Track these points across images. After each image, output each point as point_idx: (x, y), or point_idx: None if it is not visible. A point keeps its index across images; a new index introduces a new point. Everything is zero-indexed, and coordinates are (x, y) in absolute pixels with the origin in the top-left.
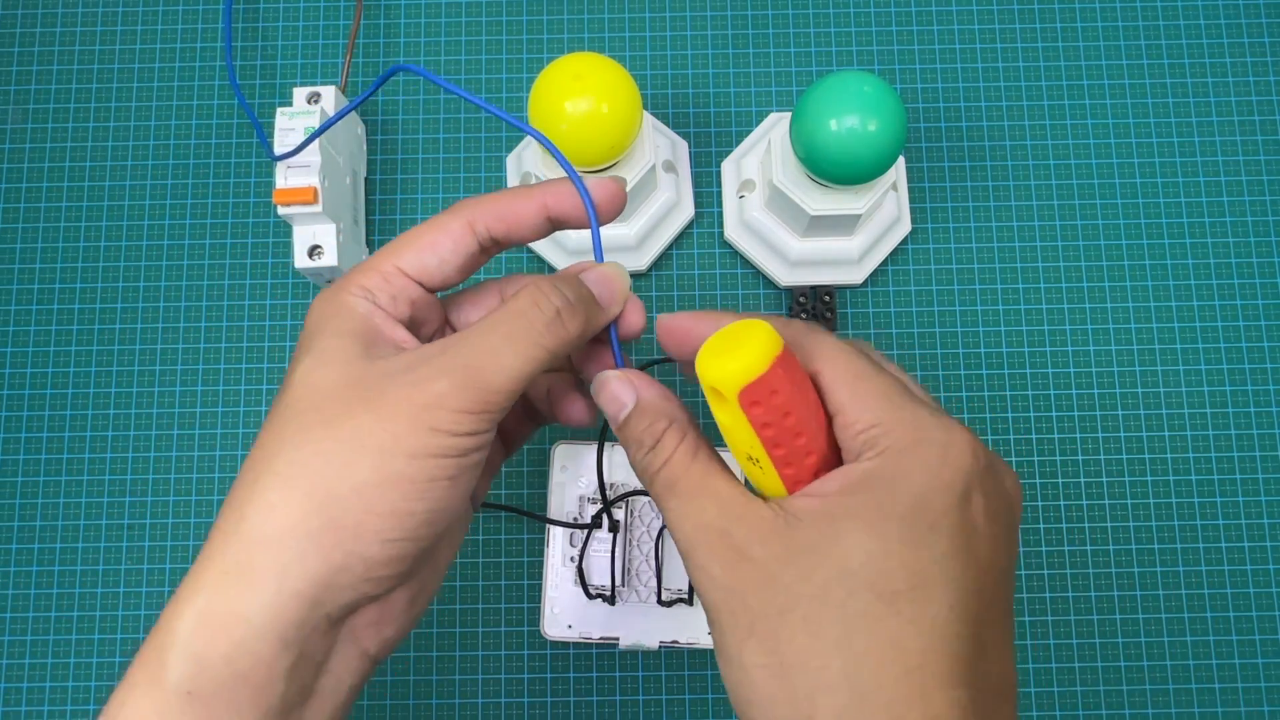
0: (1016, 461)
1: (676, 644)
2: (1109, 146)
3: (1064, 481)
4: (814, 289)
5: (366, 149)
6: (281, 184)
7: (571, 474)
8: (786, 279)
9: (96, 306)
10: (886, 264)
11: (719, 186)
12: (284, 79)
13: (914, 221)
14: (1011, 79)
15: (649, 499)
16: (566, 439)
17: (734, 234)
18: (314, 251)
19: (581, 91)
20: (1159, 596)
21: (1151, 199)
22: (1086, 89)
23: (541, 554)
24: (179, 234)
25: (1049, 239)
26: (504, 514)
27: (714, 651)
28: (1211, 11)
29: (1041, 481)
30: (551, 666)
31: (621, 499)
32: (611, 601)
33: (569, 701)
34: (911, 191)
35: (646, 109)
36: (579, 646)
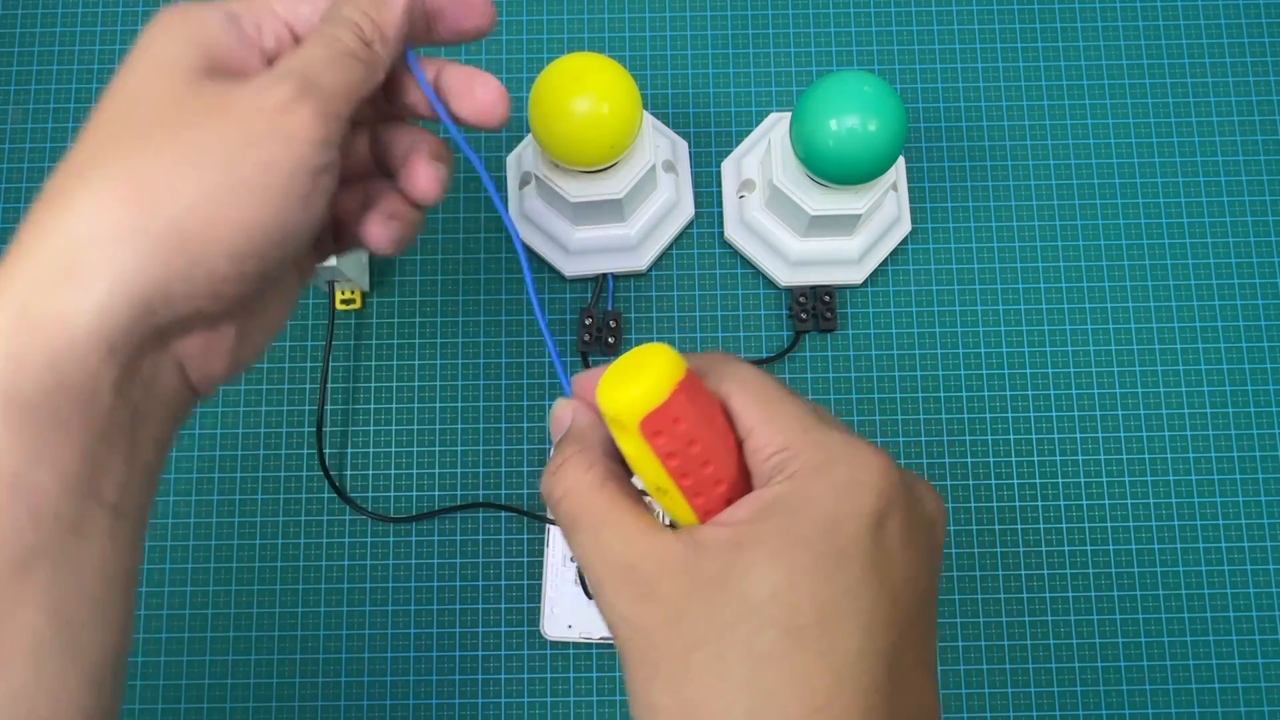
0: (1016, 461)
1: None
2: (1109, 146)
3: (1064, 481)
4: (814, 289)
5: None
6: None
7: None
8: (786, 279)
9: None
10: (886, 264)
11: (719, 186)
12: None
13: (914, 221)
14: (1011, 79)
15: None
16: None
17: (734, 234)
18: None
19: (581, 91)
20: (1159, 596)
21: (1151, 199)
22: (1086, 89)
23: (541, 554)
24: None
25: (1049, 239)
26: (504, 514)
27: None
28: (1211, 11)
29: (1041, 481)
30: (551, 666)
31: None
32: None
33: (569, 701)
34: (911, 191)
35: (646, 109)
36: (579, 646)
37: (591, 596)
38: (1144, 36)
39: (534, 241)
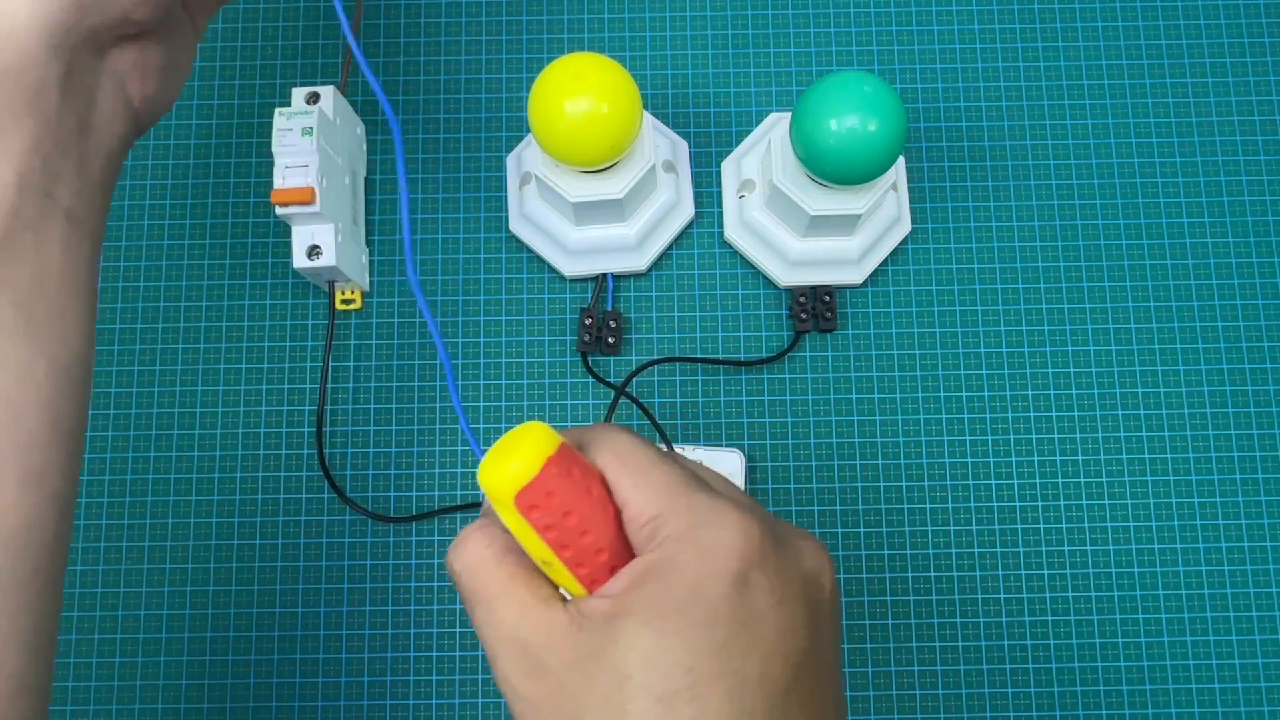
0: (1016, 461)
1: None
2: (1109, 146)
3: (1064, 481)
4: (814, 289)
5: (366, 149)
6: (280, 184)
7: None
8: (786, 279)
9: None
10: (886, 264)
11: (719, 186)
12: (284, 79)
13: (914, 221)
14: (1011, 79)
15: None
16: None
17: (734, 234)
18: (313, 252)
19: (581, 91)
20: (1159, 596)
21: (1151, 199)
22: (1086, 89)
23: None
24: (178, 234)
25: (1049, 239)
26: None
27: None
28: (1211, 11)
29: (1041, 481)
30: None
31: None
32: None
33: None
34: (911, 191)
35: (646, 109)
36: None
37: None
38: (1144, 36)
39: (534, 241)
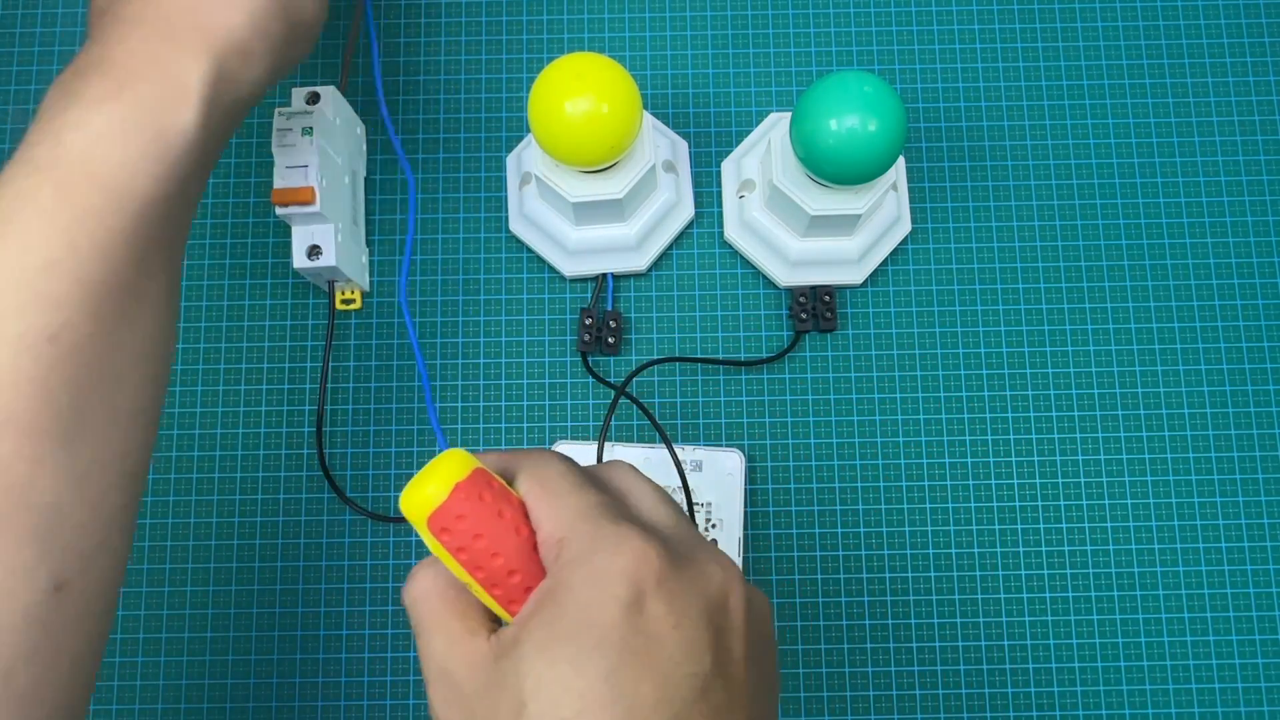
0: (1016, 461)
1: None
2: (1109, 146)
3: (1064, 481)
4: (814, 289)
5: (366, 149)
6: (280, 184)
7: None
8: (786, 279)
9: None
10: (886, 264)
11: (719, 186)
12: (284, 79)
13: (914, 221)
14: (1011, 79)
15: None
16: (566, 439)
17: (734, 234)
18: (313, 252)
19: (581, 91)
20: (1159, 596)
21: (1151, 199)
22: (1086, 89)
23: None
24: None
25: (1049, 239)
26: None
27: None
28: (1211, 11)
29: (1041, 481)
30: None
31: None
32: None
33: None
34: (911, 191)
35: (646, 109)
36: None
37: None
38: (1144, 36)
39: (534, 241)
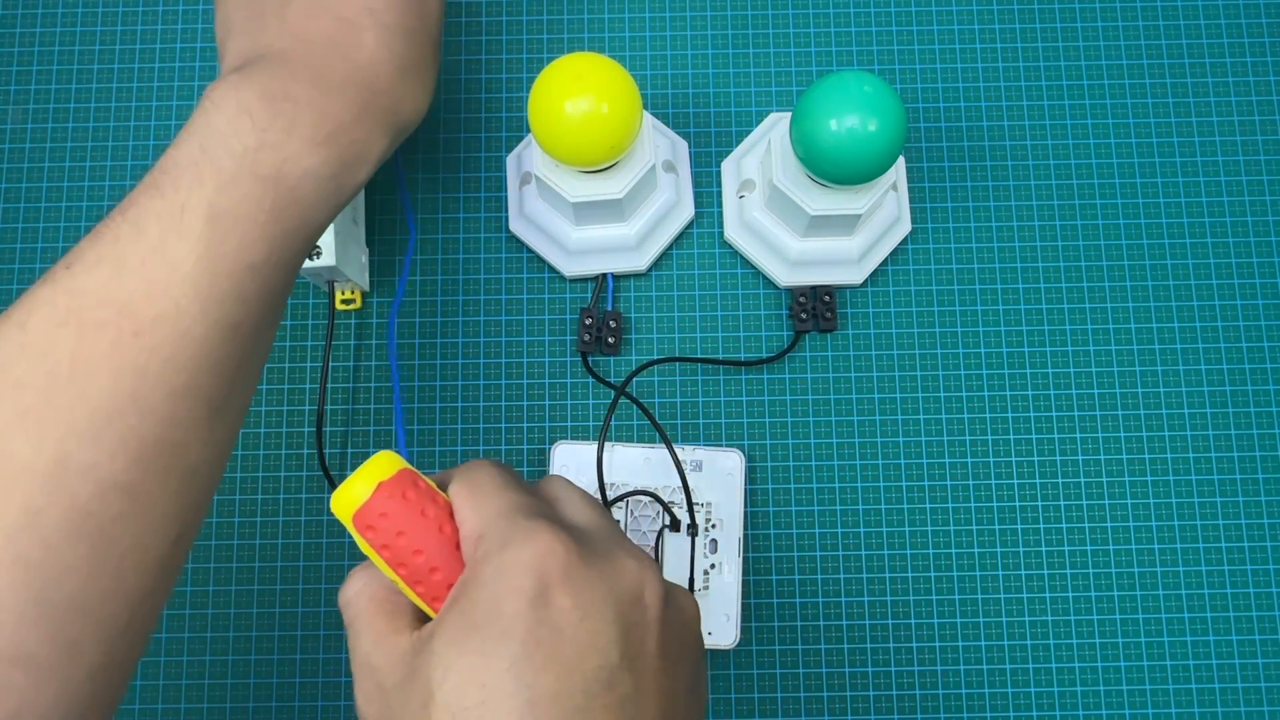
0: (1016, 461)
1: None
2: (1109, 146)
3: (1064, 481)
4: (814, 289)
5: None
6: None
7: (571, 474)
8: (786, 279)
9: None
10: (886, 264)
11: (719, 186)
12: None
13: (914, 221)
14: (1011, 79)
15: (649, 499)
16: (566, 439)
17: (734, 234)
18: (313, 252)
19: (581, 91)
20: (1159, 596)
21: (1151, 199)
22: (1086, 89)
23: None
24: None
25: (1049, 239)
26: None
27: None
28: (1211, 11)
29: (1041, 481)
30: None
31: (621, 499)
32: None
33: None
34: (911, 191)
35: (646, 109)
36: None
37: None
38: (1144, 36)
39: (534, 241)
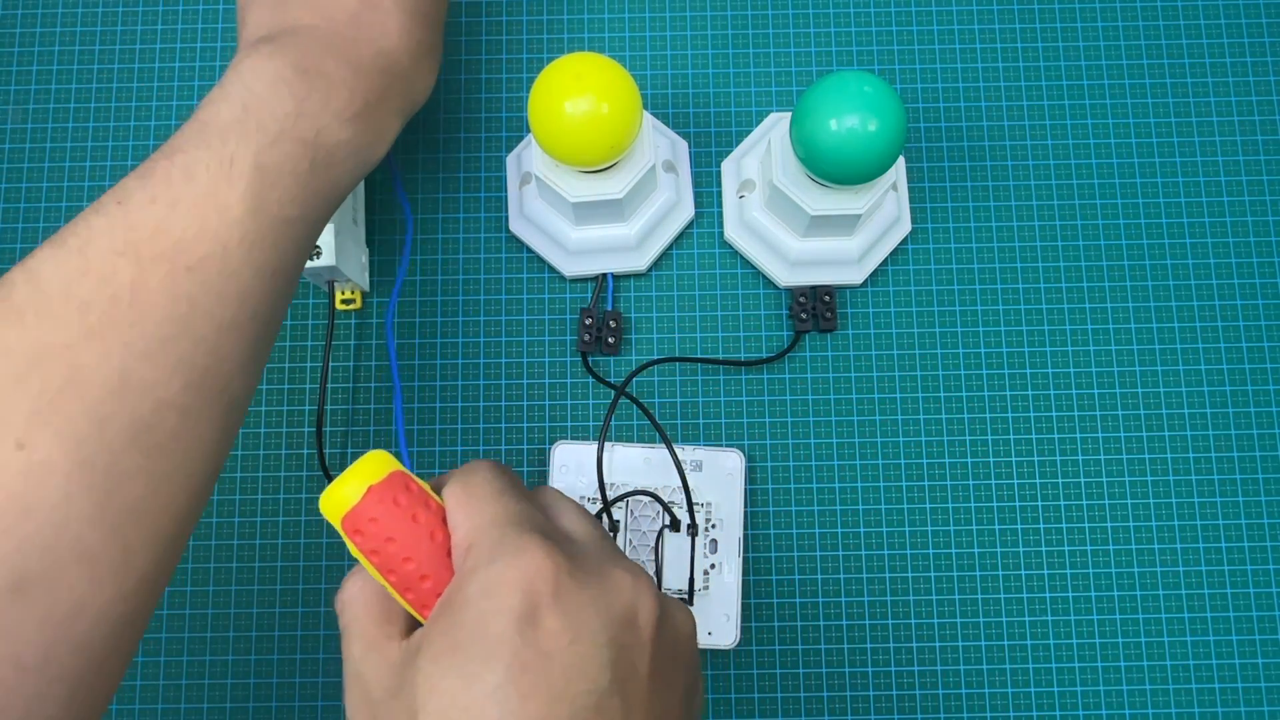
0: (1016, 461)
1: None
2: (1109, 146)
3: (1064, 481)
4: (814, 289)
5: None
6: None
7: (571, 474)
8: (786, 279)
9: None
10: (886, 264)
11: (719, 186)
12: None
13: (914, 221)
14: (1011, 79)
15: (649, 499)
16: (566, 439)
17: (734, 234)
18: (313, 252)
19: (581, 91)
20: (1159, 596)
21: (1151, 199)
22: (1086, 89)
23: None
24: None
25: (1049, 239)
26: None
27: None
28: (1211, 11)
29: (1041, 481)
30: None
31: (621, 499)
32: None
33: None
34: (911, 191)
35: (646, 109)
36: None
37: None
38: (1144, 36)
39: (534, 241)
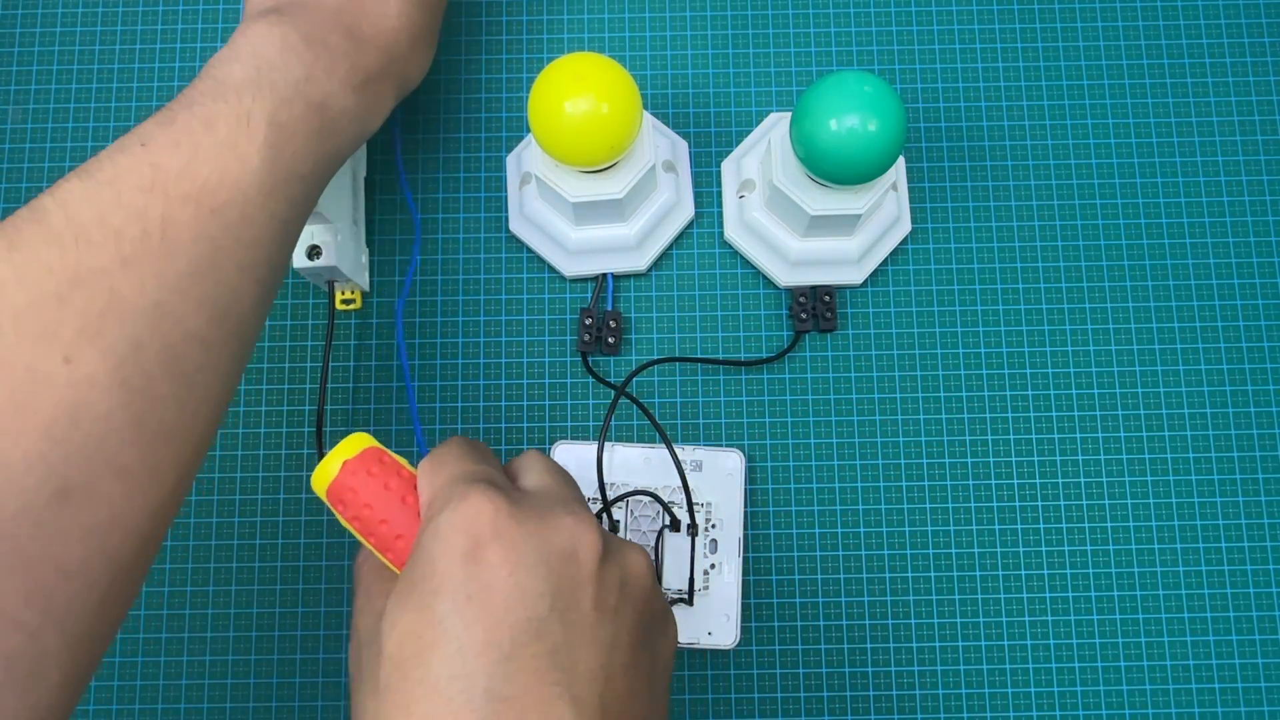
0: (1016, 461)
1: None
2: (1109, 146)
3: (1064, 481)
4: (814, 289)
5: (367, 149)
6: None
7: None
8: (786, 279)
9: None
10: (886, 264)
11: (719, 186)
12: None
13: (914, 221)
14: (1011, 79)
15: (649, 499)
16: (566, 439)
17: (734, 234)
18: (313, 252)
19: (581, 91)
20: (1159, 596)
21: (1151, 199)
22: (1086, 89)
23: None
24: None
25: (1049, 239)
26: None
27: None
28: (1211, 11)
29: (1041, 481)
30: None
31: (621, 499)
32: None
33: None
34: (911, 191)
35: (646, 109)
36: None
37: None
38: (1144, 36)
39: (534, 241)
